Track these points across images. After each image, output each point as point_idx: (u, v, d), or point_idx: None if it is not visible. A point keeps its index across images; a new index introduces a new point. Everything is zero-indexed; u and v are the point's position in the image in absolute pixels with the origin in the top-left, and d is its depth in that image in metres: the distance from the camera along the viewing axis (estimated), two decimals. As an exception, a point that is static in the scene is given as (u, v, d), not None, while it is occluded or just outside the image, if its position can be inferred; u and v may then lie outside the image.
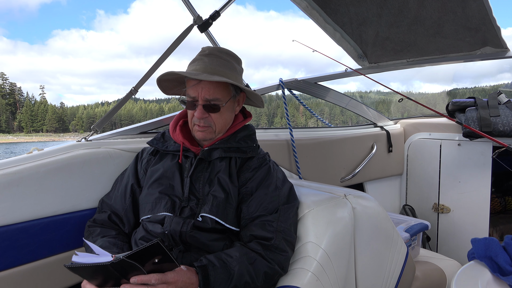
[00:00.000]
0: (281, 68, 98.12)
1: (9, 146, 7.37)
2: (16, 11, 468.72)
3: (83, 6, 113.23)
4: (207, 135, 1.49)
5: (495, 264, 1.34)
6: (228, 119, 1.53)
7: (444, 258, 2.31)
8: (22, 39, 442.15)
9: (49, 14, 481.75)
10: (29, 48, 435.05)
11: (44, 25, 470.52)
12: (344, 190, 1.66)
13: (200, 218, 1.38)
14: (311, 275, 1.35)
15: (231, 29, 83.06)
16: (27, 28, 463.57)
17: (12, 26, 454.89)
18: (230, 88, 1.49)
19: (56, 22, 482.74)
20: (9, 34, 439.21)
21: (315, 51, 2.96)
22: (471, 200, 2.89)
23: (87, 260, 1.07)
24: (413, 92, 20.06)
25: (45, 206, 1.54)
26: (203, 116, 1.45)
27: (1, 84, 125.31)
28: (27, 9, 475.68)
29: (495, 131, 2.62)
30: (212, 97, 1.43)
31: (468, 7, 2.10)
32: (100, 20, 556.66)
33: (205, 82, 1.43)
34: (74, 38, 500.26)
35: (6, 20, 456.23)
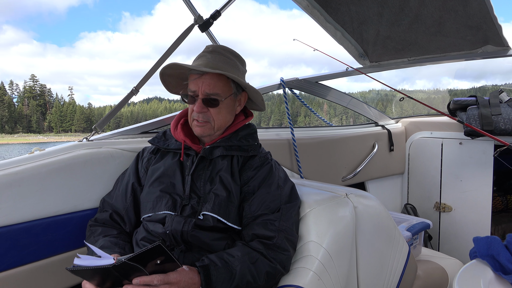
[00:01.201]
0: (304, 67, 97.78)
1: (42, 145, 7.63)
2: (45, 15, 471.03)
3: (109, 9, 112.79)
4: (205, 131, 1.49)
5: (497, 262, 1.33)
6: (227, 116, 1.53)
7: (446, 257, 2.30)
8: (51, 42, 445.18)
9: (76, 17, 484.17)
10: (57, 50, 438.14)
11: (72, 27, 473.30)
12: (346, 189, 1.65)
13: (201, 216, 1.38)
14: (312, 274, 1.35)
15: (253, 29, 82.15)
16: (56, 31, 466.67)
17: (41, 29, 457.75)
18: (231, 85, 1.49)
19: (83, 24, 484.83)
20: (39, 37, 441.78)
21: (316, 50, 2.96)
22: (472, 198, 2.88)
23: (89, 263, 1.07)
24: (440, 89, 20.02)
25: (46, 206, 1.55)
26: (202, 110, 1.45)
27: (32, 86, 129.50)
28: (55, 12, 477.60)
29: (496, 130, 2.62)
30: (212, 91, 1.44)
31: (469, 5, 2.10)
32: (125, 22, 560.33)
33: (206, 76, 1.44)
34: (101, 40, 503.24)
35: (36, 23, 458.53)
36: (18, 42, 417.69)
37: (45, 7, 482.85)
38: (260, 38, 73.79)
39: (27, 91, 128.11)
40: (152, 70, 2.00)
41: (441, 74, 24.13)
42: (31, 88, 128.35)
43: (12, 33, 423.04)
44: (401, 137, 3.34)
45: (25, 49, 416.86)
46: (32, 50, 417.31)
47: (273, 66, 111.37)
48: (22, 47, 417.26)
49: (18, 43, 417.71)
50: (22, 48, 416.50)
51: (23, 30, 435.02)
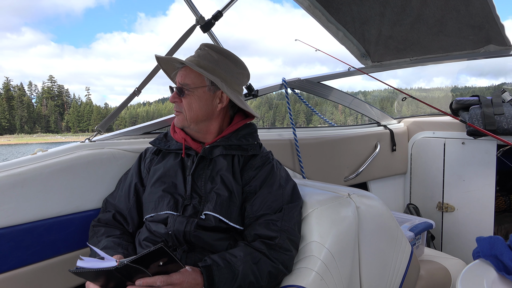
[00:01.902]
0: (318, 66, 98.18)
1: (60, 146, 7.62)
2: (63, 17, 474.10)
3: (125, 10, 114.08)
4: (179, 121, 1.54)
5: (501, 262, 1.33)
6: (201, 110, 1.51)
7: (449, 257, 2.30)
8: (68, 43, 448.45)
9: (93, 18, 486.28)
10: (74, 51, 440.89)
11: (89, 29, 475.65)
12: (348, 189, 1.65)
13: (203, 216, 1.39)
14: (315, 274, 1.35)
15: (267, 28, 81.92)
16: (73, 32, 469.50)
17: (59, 31, 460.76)
18: (204, 78, 1.50)
19: (99, 25, 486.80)
20: (57, 39, 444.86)
21: (318, 50, 2.96)
22: (475, 198, 2.88)
23: (92, 265, 1.08)
24: (459, 87, 19.93)
25: (49, 207, 1.55)
26: (173, 100, 1.53)
27: (50, 87, 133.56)
28: (73, 14, 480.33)
29: (499, 129, 2.61)
30: (182, 81, 1.51)
31: (472, 5, 2.09)
32: (140, 22, 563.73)
33: (182, 69, 1.53)
34: (117, 40, 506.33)
35: (54, 25, 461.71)
36: (36, 43, 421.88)
37: (63, 8, 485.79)
38: (274, 37, 73.41)
39: (46, 91, 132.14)
40: (154, 71, 2.00)
41: (459, 72, 24.00)
42: (49, 89, 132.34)
43: (31, 35, 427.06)
44: (404, 137, 3.33)
45: (43, 50, 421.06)
46: (50, 51, 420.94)
47: (287, 65, 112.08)
48: (40, 49, 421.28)
49: (37, 44, 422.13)
50: (40, 49, 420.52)
51: (41, 32, 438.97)
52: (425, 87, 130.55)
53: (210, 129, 1.56)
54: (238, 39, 65.10)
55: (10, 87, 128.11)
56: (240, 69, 1.59)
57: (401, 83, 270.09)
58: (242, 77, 1.60)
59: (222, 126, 1.58)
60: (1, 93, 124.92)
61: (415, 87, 48.10)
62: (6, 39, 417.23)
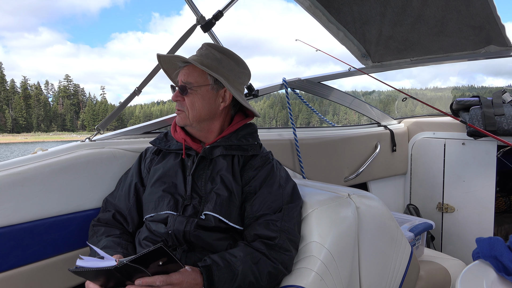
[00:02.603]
0: (332, 65, 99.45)
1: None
2: (79, 17, 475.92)
3: (139, 10, 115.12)
4: (181, 120, 1.53)
5: (500, 263, 1.33)
6: (203, 109, 1.51)
7: (449, 258, 2.30)
8: (84, 43, 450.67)
9: (108, 18, 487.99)
10: (90, 51, 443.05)
11: (104, 28, 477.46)
12: (348, 190, 1.65)
13: (203, 216, 1.39)
14: (315, 274, 1.35)
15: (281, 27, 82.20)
16: (89, 32, 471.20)
17: (75, 31, 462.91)
18: (207, 77, 1.50)
19: (114, 25, 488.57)
20: (73, 39, 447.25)
21: (319, 51, 2.95)
22: (475, 199, 2.88)
23: (91, 265, 1.08)
24: (475, 86, 19.74)
25: (49, 206, 1.55)
26: (176, 98, 1.52)
27: (66, 86, 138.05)
28: (88, 14, 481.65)
29: (499, 130, 2.61)
30: (185, 80, 1.50)
31: (472, 5, 2.09)
32: (155, 22, 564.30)
33: (185, 67, 1.52)
34: (131, 40, 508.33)
35: (70, 25, 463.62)
36: (53, 43, 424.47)
37: (79, 8, 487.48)
38: (288, 36, 73.25)
39: (62, 90, 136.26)
40: (154, 71, 2.00)
41: (476, 71, 23.76)
42: (65, 88, 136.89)
43: (48, 35, 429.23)
44: (404, 138, 3.33)
45: (59, 50, 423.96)
46: (66, 51, 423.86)
47: (300, 65, 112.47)
48: (57, 48, 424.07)
49: (53, 44, 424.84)
50: (57, 49, 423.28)
51: (58, 31, 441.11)
52: (441, 86, 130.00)
53: (212, 128, 1.56)
54: (252, 39, 64.18)
55: (27, 86, 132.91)
56: (242, 68, 1.59)
57: (416, 82, 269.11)
58: (244, 76, 1.61)
59: (223, 126, 1.58)
60: (19, 92, 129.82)
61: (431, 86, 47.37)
62: (23, 39, 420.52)
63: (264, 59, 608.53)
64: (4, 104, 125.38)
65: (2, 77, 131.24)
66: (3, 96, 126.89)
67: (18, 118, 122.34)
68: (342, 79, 2.91)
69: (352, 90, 42.72)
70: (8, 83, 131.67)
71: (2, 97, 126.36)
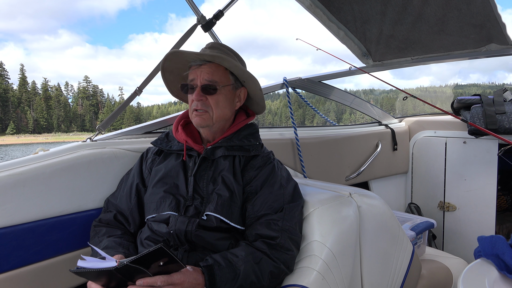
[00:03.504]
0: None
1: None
2: (97, 18, 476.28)
3: (156, 11, 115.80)
4: (203, 121, 1.49)
5: (502, 262, 1.33)
6: (226, 109, 1.52)
7: (450, 256, 2.29)
8: (102, 44, 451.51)
9: (126, 20, 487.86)
10: (108, 52, 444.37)
11: (121, 30, 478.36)
12: (349, 189, 1.65)
13: (204, 216, 1.39)
14: (316, 274, 1.35)
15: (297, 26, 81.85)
16: (107, 33, 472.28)
17: (93, 33, 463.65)
18: (229, 76, 1.50)
19: (132, 27, 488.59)
20: (91, 40, 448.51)
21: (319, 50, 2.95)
22: (477, 198, 2.87)
23: (92, 265, 1.08)
24: (496, 83, 19.59)
25: (51, 206, 1.55)
26: (200, 98, 1.47)
27: (86, 87, 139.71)
28: (107, 16, 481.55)
29: (501, 129, 2.61)
30: (210, 79, 1.46)
31: (473, 3, 2.09)
32: (171, 23, 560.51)
33: (204, 66, 1.47)
34: (148, 41, 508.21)
35: (89, 27, 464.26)
36: (72, 45, 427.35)
37: (97, 10, 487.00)
38: (304, 35, 74.66)
39: (81, 91, 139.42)
40: (156, 71, 2.00)
41: (496, 68, 23.59)
42: (84, 89, 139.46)
43: (67, 37, 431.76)
44: (405, 136, 3.33)
45: (78, 51, 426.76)
46: (85, 52, 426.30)
47: (317, 63, 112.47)
48: (76, 50, 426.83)
49: (72, 46, 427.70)
50: (76, 50, 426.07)
51: (77, 33, 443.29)
52: (461, 83, 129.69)
53: (224, 128, 1.56)
54: (268, 38, 63.64)
55: (48, 87, 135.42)
56: (245, 67, 1.60)
57: (435, 79, 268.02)
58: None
59: (227, 126, 1.58)
60: (40, 94, 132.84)
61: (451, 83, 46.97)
62: (44, 41, 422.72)
63: (280, 58, 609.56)
64: (26, 105, 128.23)
65: (24, 79, 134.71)
66: (25, 97, 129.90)
67: (39, 119, 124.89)
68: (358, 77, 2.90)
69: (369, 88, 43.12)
70: (30, 84, 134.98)
71: (24, 99, 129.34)
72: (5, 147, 50.07)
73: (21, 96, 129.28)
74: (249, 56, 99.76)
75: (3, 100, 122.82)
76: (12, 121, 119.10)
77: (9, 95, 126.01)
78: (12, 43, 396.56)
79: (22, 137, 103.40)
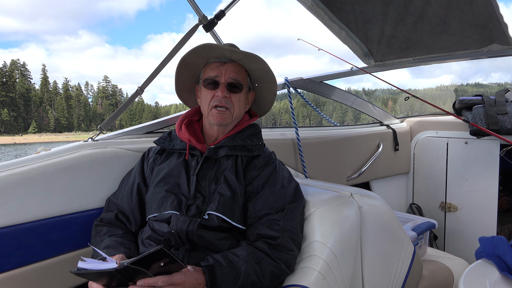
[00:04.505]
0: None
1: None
2: (117, 19, 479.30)
3: (174, 11, 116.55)
4: (225, 119, 1.51)
5: (503, 262, 1.32)
6: (242, 108, 1.57)
7: (452, 257, 2.29)
8: (121, 44, 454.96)
9: (144, 20, 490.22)
10: (127, 52, 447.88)
11: (140, 30, 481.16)
12: (350, 189, 1.65)
13: (206, 216, 1.39)
14: (317, 274, 1.35)
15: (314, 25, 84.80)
16: (126, 34, 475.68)
17: (113, 33, 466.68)
18: (247, 78, 1.57)
19: (150, 27, 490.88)
20: (111, 41, 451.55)
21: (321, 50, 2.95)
22: (478, 198, 2.87)
23: (93, 267, 1.08)
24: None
25: (52, 206, 1.56)
26: (226, 95, 1.49)
27: (105, 86, 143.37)
28: (126, 16, 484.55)
29: (502, 129, 2.60)
30: (235, 77, 1.50)
31: (475, 4, 2.09)
32: (189, 23, 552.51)
33: (229, 64, 1.51)
34: (166, 41, 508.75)
35: (108, 27, 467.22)
36: (92, 45, 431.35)
37: (117, 11, 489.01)
38: (321, 33, 74.23)
39: (101, 91, 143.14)
40: (157, 70, 2.01)
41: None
42: (104, 89, 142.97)
43: (88, 38, 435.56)
44: (406, 137, 3.33)
45: (98, 52, 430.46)
46: (105, 52, 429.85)
47: (334, 62, 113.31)
48: (96, 50, 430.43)
49: (92, 46, 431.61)
50: (95, 51, 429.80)
51: (97, 34, 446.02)
52: (482, 82, 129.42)
53: (232, 128, 1.58)
54: (285, 37, 63.51)
55: (68, 87, 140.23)
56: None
57: (456, 78, 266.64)
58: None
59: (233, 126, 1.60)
60: (61, 93, 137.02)
61: (472, 82, 46.31)
62: (64, 42, 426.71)
63: (297, 57, 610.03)
64: (47, 104, 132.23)
65: (46, 79, 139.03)
66: (47, 97, 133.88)
67: (60, 118, 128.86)
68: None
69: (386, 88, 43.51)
70: (51, 84, 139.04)
71: (45, 98, 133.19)
72: (27, 145, 50.90)
73: (42, 95, 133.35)
74: (267, 56, 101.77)
75: (25, 100, 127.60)
76: (34, 120, 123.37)
77: (31, 94, 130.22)
78: (34, 44, 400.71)
79: (44, 136, 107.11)
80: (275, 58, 71.42)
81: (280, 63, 64.82)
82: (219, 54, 1.52)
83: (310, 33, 29.20)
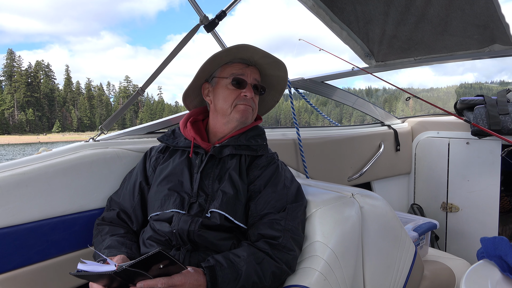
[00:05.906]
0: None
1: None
2: (138, 20, 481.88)
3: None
4: (248, 116, 1.56)
5: (505, 263, 1.32)
6: (257, 109, 1.63)
7: (453, 258, 2.29)
8: (141, 45, 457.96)
9: (164, 20, 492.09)
10: (147, 52, 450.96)
11: (160, 31, 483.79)
12: (352, 189, 1.65)
13: (209, 214, 1.39)
14: (318, 274, 1.34)
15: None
16: (146, 34, 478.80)
17: (134, 34, 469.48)
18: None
19: (170, 27, 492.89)
20: (132, 41, 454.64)
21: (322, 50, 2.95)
22: (480, 199, 2.86)
23: (92, 269, 1.08)
24: None
25: (53, 206, 1.56)
26: (253, 94, 1.56)
27: (126, 86, 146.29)
28: (147, 17, 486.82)
29: (504, 129, 2.60)
30: (259, 80, 1.59)
31: (476, 4, 2.08)
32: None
33: (253, 67, 1.59)
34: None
35: (130, 28, 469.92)
36: (113, 46, 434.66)
37: (138, 12, 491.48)
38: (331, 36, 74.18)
39: (122, 91, 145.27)
40: (158, 71, 2.01)
41: None
42: (125, 88, 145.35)
43: (109, 38, 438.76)
44: (408, 137, 3.32)
45: (119, 52, 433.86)
46: (126, 53, 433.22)
47: (353, 60, 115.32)
48: (117, 51, 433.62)
49: (114, 47, 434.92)
50: (117, 51, 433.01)
51: (118, 35, 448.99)
52: (507, 80, 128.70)
53: (239, 128, 1.60)
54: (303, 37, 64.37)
55: (91, 87, 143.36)
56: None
57: (480, 76, 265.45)
58: None
59: None
60: (83, 93, 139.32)
61: (497, 80, 45.44)
62: (87, 43, 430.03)
63: (315, 56, 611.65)
64: (70, 104, 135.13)
65: (69, 79, 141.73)
66: (70, 97, 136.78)
67: (83, 117, 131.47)
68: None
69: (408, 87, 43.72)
70: (74, 84, 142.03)
71: (68, 98, 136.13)
72: (51, 144, 51.68)
73: (66, 95, 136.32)
74: (286, 55, 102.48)
75: (49, 100, 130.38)
76: (58, 119, 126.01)
77: (55, 94, 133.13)
78: (57, 45, 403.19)
79: (67, 135, 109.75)
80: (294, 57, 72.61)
81: (299, 62, 64.01)
82: (248, 56, 1.56)
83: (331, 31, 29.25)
